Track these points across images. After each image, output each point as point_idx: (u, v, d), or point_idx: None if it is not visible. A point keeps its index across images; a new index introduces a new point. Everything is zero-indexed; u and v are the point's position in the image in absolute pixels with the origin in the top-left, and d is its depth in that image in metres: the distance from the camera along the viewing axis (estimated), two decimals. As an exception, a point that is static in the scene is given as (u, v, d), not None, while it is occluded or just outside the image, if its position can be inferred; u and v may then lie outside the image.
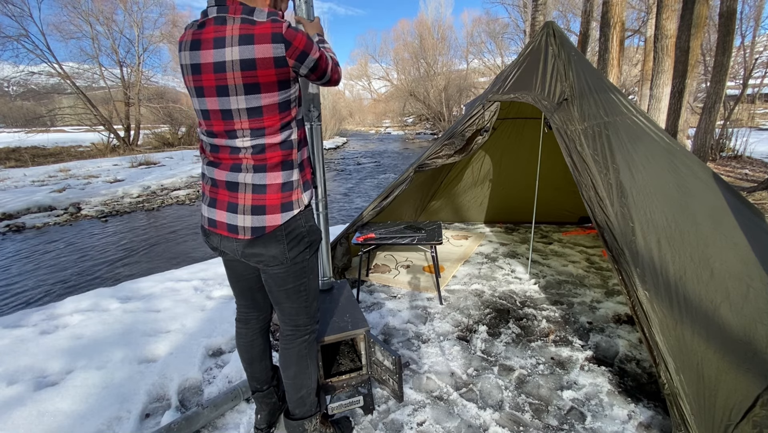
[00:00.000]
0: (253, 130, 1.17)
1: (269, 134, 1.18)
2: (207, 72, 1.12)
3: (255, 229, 1.21)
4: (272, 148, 1.20)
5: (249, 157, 1.19)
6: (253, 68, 1.08)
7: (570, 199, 4.06)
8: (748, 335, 1.65)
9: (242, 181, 1.20)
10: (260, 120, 1.16)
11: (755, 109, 15.18)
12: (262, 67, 1.08)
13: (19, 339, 2.42)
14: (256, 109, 1.14)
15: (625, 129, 2.24)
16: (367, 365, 1.78)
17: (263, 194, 1.20)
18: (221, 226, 1.24)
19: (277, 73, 1.11)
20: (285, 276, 1.31)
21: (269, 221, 1.21)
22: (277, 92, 1.15)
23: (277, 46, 1.08)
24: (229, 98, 1.12)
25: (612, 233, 1.82)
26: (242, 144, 1.18)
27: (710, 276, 1.76)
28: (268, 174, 1.20)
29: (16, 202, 7.30)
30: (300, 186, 1.27)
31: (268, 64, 1.08)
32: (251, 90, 1.11)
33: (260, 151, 1.19)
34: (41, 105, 19.01)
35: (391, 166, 13.23)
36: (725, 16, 7.87)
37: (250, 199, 1.20)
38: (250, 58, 1.07)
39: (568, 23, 21.74)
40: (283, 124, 1.21)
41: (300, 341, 1.44)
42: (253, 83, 1.10)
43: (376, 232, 2.96)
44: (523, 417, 1.76)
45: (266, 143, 1.18)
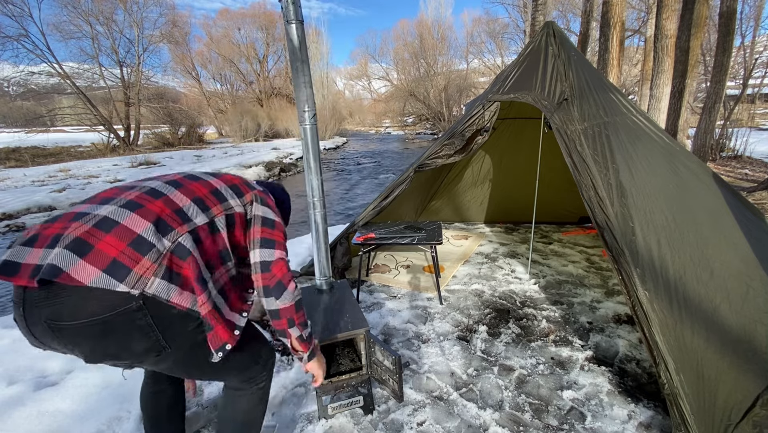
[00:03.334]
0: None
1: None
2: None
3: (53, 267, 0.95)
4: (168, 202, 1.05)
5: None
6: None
7: (570, 199, 4.06)
8: (747, 335, 1.65)
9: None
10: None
11: (755, 109, 15.17)
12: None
13: (19, 339, 2.42)
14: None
15: (625, 129, 2.24)
16: (367, 365, 1.78)
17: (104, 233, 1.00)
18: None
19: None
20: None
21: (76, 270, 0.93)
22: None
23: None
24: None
25: (612, 233, 1.82)
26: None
27: (710, 276, 1.76)
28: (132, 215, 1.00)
29: (16, 203, 7.29)
30: (159, 264, 0.95)
31: (234, 178, 1.25)
32: (213, 176, 1.22)
33: (155, 196, 1.07)
34: (41, 105, 19.01)
35: (391, 166, 13.23)
36: (725, 16, 7.87)
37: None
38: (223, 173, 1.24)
39: (568, 23, 21.76)
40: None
41: (254, 389, 1.25)
42: (216, 177, 1.22)
43: (376, 232, 2.96)
44: (523, 417, 1.76)
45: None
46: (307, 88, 1.89)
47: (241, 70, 30.12)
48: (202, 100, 27.86)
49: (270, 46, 30.46)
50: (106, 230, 0.91)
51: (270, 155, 13.90)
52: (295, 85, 1.89)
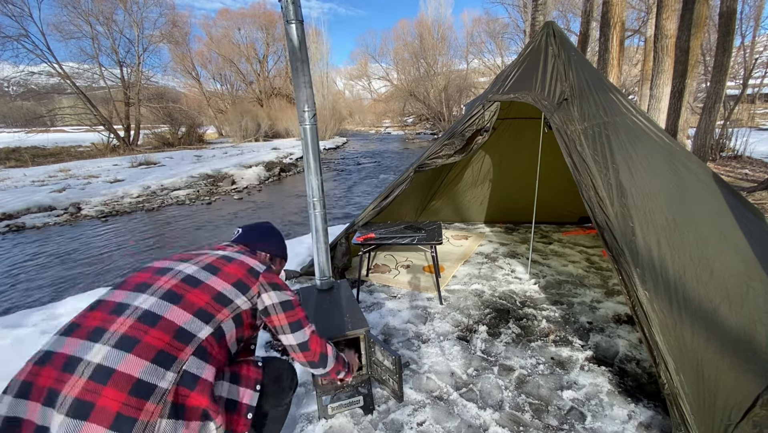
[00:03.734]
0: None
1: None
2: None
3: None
4: (164, 326, 1.01)
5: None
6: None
7: (570, 199, 4.06)
8: (747, 334, 1.65)
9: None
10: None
11: (755, 109, 15.17)
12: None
13: (19, 339, 2.42)
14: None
15: (624, 129, 2.24)
16: (367, 365, 1.78)
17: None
18: None
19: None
20: None
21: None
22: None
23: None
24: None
25: (612, 233, 1.82)
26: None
27: (710, 276, 1.76)
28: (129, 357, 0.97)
29: (16, 202, 7.29)
30: (164, 402, 0.92)
31: (241, 265, 1.23)
32: (215, 271, 1.20)
33: (149, 323, 1.02)
34: (41, 105, 19.01)
35: (391, 166, 13.22)
36: (725, 16, 7.87)
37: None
38: (234, 258, 1.25)
39: (568, 23, 21.75)
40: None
41: (281, 409, 1.33)
42: (220, 270, 1.21)
43: (376, 232, 2.96)
44: (523, 417, 1.76)
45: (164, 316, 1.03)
46: (307, 88, 1.89)
47: (241, 70, 30.12)
48: (202, 100, 27.85)
49: (270, 46, 30.46)
50: (104, 382, 0.86)
51: (270, 155, 13.91)
52: (295, 85, 1.89)
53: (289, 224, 6.40)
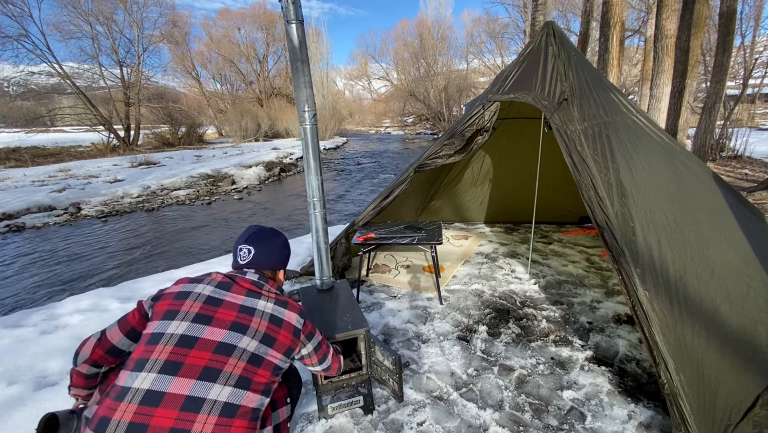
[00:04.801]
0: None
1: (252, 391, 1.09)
2: (230, 309, 1.17)
3: None
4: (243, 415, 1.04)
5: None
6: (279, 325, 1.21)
7: (570, 200, 4.06)
8: (748, 334, 1.65)
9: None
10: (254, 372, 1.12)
11: (755, 109, 15.17)
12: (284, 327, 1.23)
13: (19, 339, 2.42)
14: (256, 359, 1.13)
15: (625, 129, 2.24)
16: (367, 365, 1.78)
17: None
18: None
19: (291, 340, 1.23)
20: None
21: None
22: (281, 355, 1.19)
23: (299, 320, 1.28)
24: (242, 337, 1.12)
25: (612, 233, 1.82)
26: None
27: (710, 276, 1.76)
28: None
29: (16, 202, 7.29)
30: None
31: (288, 327, 1.24)
32: (272, 342, 1.18)
33: (228, 415, 1.03)
34: (41, 105, 19.01)
35: (391, 166, 13.22)
36: (725, 16, 7.87)
37: None
38: (279, 317, 1.23)
39: (568, 23, 21.75)
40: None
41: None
42: (275, 340, 1.19)
43: (376, 232, 2.96)
44: (523, 417, 1.76)
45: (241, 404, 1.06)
46: (307, 88, 1.89)
47: (241, 70, 30.13)
48: (202, 100, 27.86)
49: (270, 46, 30.47)
50: (155, 405, 0.93)
51: (270, 155, 13.91)
52: (295, 85, 1.89)
53: (289, 223, 6.40)
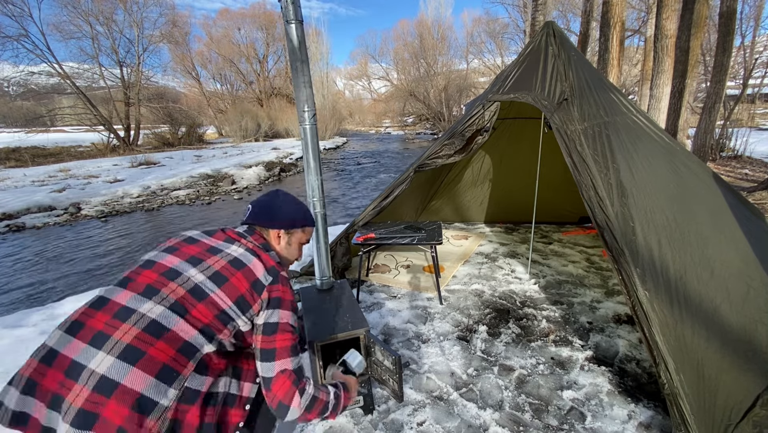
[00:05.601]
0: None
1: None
2: (198, 246, 1.13)
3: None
4: (170, 339, 0.97)
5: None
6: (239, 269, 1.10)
7: (570, 199, 4.06)
8: (748, 334, 1.65)
9: None
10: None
11: (755, 109, 15.17)
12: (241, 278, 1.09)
13: (19, 339, 2.42)
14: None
15: (625, 129, 2.24)
16: (367, 365, 1.78)
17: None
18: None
19: (244, 295, 1.07)
20: None
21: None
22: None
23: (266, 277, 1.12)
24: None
25: (612, 233, 1.82)
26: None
27: (710, 276, 1.76)
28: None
29: (16, 202, 7.29)
30: (164, 419, 0.91)
31: (248, 275, 1.10)
32: (221, 282, 1.07)
33: (154, 333, 0.97)
34: (41, 105, 19.01)
35: (391, 166, 13.22)
36: (725, 16, 7.87)
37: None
38: (242, 262, 1.12)
39: (568, 23, 21.75)
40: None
41: None
42: (227, 280, 1.07)
43: (376, 232, 2.96)
44: (523, 417, 1.75)
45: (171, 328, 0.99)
46: (307, 88, 1.89)
47: (241, 70, 30.13)
48: (202, 100, 27.87)
49: (270, 46, 30.47)
50: (108, 394, 0.86)
51: (270, 155, 13.91)
52: (295, 85, 1.89)
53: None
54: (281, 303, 1.11)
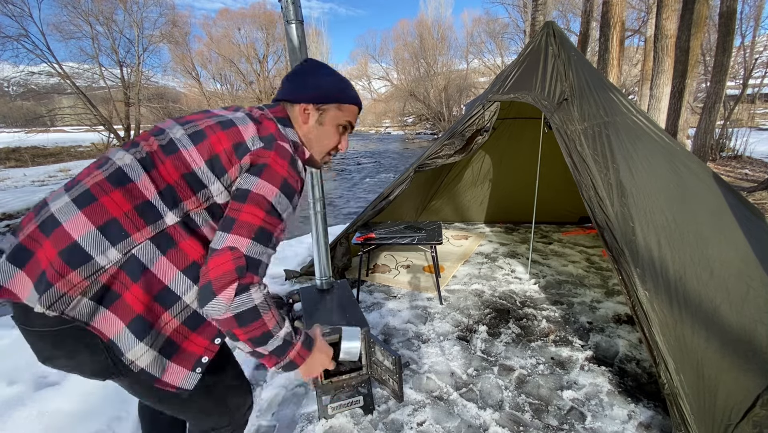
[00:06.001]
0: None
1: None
2: (204, 113, 0.97)
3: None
4: (128, 196, 0.82)
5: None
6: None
7: (570, 200, 4.06)
8: (748, 334, 1.65)
9: None
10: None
11: (755, 109, 15.17)
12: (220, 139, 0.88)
13: (19, 339, 2.41)
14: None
15: (625, 129, 2.24)
16: (367, 365, 1.78)
17: (45, 237, 0.83)
18: None
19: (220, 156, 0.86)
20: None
21: (12, 283, 0.80)
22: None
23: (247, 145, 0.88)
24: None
25: (612, 233, 1.82)
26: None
27: (710, 276, 1.76)
28: (79, 215, 0.81)
29: (16, 202, 7.29)
30: (95, 282, 0.79)
31: (232, 135, 0.89)
32: (198, 140, 0.88)
33: (113, 181, 0.84)
34: (41, 105, 19.01)
35: (391, 166, 13.22)
36: (725, 16, 7.87)
37: None
38: (231, 122, 0.91)
39: (568, 23, 21.75)
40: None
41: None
42: (204, 138, 0.88)
43: (376, 232, 2.96)
44: (523, 417, 1.76)
45: (135, 182, 0.84)
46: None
47: (241, 70, 30.11)
48: (202, 100, 27.84)
49: (270, 46, 30.46)
50: (47, 233, 0.77)
51: (270, 155, 13.87)
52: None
53: (289, 223, 6.38)
54: (265, 172, 0.85)
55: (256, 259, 0.82)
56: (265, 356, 0.87)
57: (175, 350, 0.87)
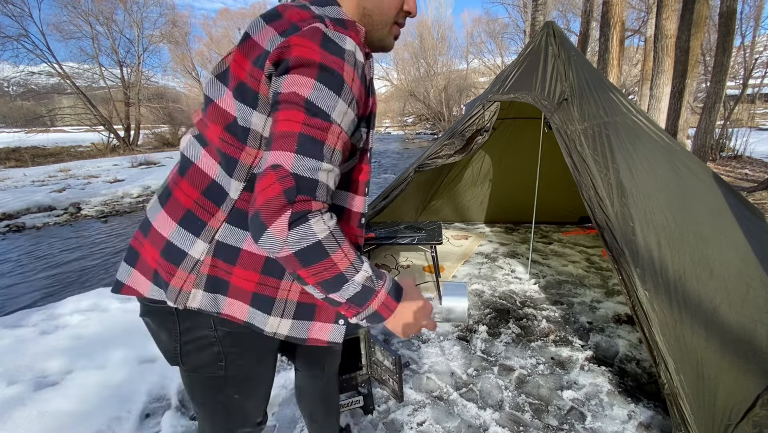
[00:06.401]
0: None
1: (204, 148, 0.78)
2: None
3: (118, 282, 0.86)
4: (194, 177, 0.77)
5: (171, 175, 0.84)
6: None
7: (570, 199, 4.06)
8: (747, 334, 1.65)
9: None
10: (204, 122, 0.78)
11: (755, 109, 15.17)
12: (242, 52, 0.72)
13: (19, 339, 2.42)
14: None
15: (625, 129, 2.24)
16: (367, 365, 1.78)
17: (144, 238, 0.82)
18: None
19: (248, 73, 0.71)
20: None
21: (131, 280, 0.83)
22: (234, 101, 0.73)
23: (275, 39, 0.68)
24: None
25: (612, 233, 1.82)
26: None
27: (710, 276, 1.76)
28: (161, 213, 0.79)
29: (16, 202, 7.29)
30: (199, 274, 0.76)
31: (249, 49, 0.72)
32: (226, 79, 0.75)
33: (182, 169, 0.80)
34: (41, 105, 19.03)
35: (391, 166, 13.21)
36: (725, 16, 7.87)
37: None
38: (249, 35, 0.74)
39: (568, 23, 21.76)
40: (224, 154, 0.75)
41: (329, 374, 1.18)
42: (229, 73, 0.75)
43: (376, 232, 2.96)
44: (523, 417, 1.76)
45: (194, 163, 0.78)
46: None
47: (241, 70, 30.10)
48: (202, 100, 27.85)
49: (270, 46, 30.44)
50: (145, 234, 0.80)
51: (270, 155, 13.86)
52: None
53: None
54: (291, 64, 0.65)
55: (309, 178, 0.63)
56: (342, 305, 0.71)
57: (310, 310, 0.84)
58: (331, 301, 0.70)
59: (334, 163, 0.67)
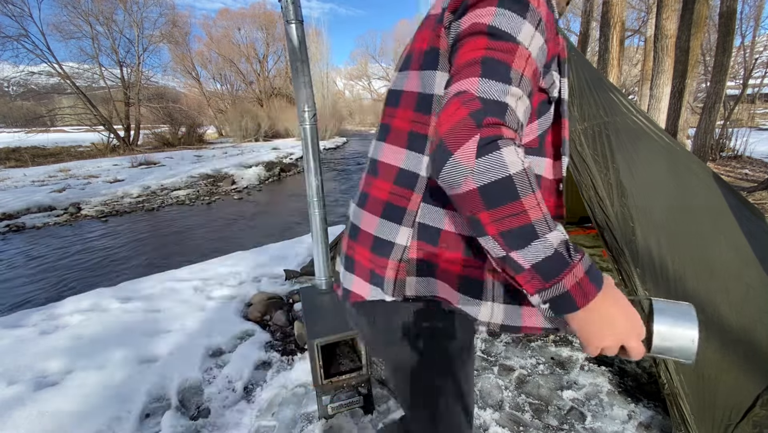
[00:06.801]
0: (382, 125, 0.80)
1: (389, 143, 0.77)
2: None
3: (344, 290, 0.87)
4: (384, 172, 0.78)
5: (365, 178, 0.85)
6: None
7: (570, 199, 4.07)
8: (747, 334, 1.65)
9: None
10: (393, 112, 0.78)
11: (755, 109, 15.17)
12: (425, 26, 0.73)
13: (19, 339, 2.42)
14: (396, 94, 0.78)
15: (625, 129, 2.24)
16: (367, 365, 1.78)
17: (354, 242, 0.83)
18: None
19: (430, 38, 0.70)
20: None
21: (354, 286, 0.83)
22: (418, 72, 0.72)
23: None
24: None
25: (612, 233, 1.82)
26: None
27: (710, 276, 1.76)
28: (364, 213, 0.81)
29: (16, 202, 7.29)
30: (408, 261, 0.74)
31: (429, 23, 0.72)
32: (408, 63, 0.76)
33: (371, 171, 0.82)
34: (41, 105, 19.03)
35: (391, 166, 13.21)
36: (725, 16, 7.87)
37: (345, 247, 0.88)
38: (428, 14, 0.76)
39: (568, 23, 21.78)
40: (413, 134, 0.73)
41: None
42: (411, 56, 0.76)
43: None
44: (523, 417, 1.76)
45: (380, 160, 0.79)
46: (307, 88, 1.89)
47: (241, 70, 30.14)
48: (202, 100, 27.86)
49: (270, 46, 30.48)
50: (354, 238, 0.83)
51: (270, 155, 13.91)
52: (295, 85, 1.89)
53: (289, 224, 6.40)
54: (474, 1, 0.61)
55: (497, 100, 0.55)
56: (523, 272, 0.55)
57: (516, 293, 0.72)
58: (512, 263, 0.55)
59: (524, 89, 0.58)
